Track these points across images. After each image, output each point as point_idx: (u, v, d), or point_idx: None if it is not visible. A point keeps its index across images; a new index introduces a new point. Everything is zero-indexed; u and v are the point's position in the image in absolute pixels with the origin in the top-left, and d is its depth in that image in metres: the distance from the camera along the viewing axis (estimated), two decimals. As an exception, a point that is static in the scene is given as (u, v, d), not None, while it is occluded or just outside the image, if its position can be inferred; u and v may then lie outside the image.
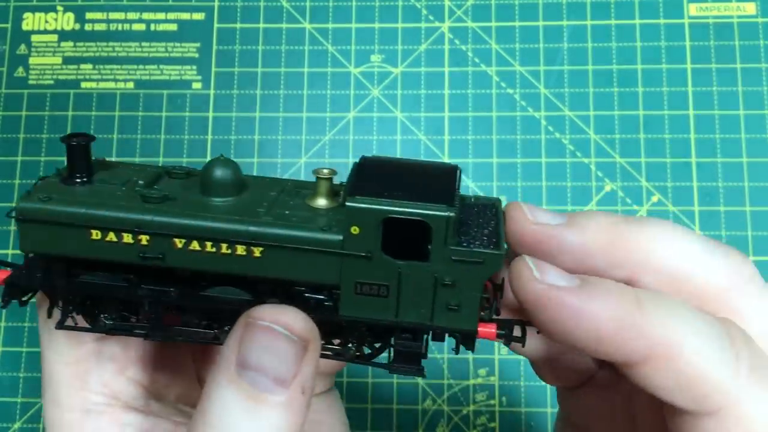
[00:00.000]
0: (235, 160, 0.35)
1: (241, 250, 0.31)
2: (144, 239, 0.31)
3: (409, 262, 0.30)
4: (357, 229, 0.30)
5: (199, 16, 0.67)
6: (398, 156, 0.64)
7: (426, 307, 0.31)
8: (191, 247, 0.31)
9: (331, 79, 0.66)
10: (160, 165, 0.37)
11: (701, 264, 0.30)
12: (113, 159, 0.65)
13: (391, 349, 0.33)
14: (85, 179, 0.33)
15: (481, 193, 0.63)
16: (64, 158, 0.68)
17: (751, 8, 0.66)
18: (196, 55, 0.67)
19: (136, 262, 0.31)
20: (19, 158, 0.65)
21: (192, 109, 0.66)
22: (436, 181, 0.31)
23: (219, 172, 0.32)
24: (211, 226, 0.31)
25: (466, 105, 0.65)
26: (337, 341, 0.34)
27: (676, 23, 0.65)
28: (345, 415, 0.43)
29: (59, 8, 0.68)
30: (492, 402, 0.61)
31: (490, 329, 0.32)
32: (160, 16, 0.67)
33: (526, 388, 0.61)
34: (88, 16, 0.68)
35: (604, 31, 0.66)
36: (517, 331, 0.32)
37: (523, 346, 0.32)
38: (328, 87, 0.66)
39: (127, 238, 0.31)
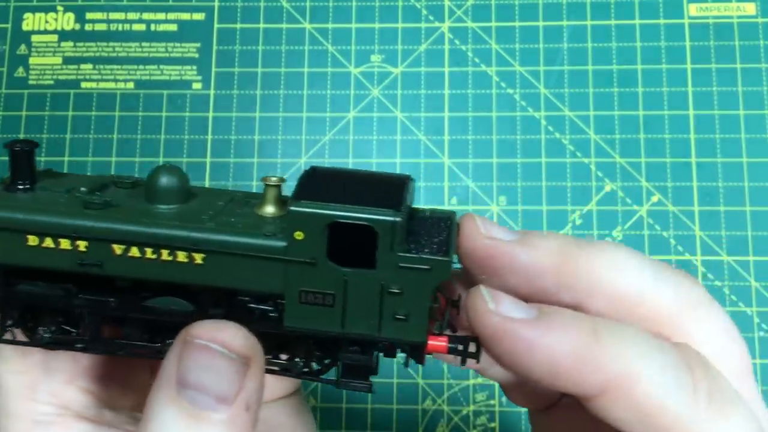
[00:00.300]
0: (235, 159, 0.35)
1: (182, 256, 0.30)
2: (82, 245, 0.30)
3: (355, 269, 0.29)
4: (301, 234, 0.29)
5: (199, 16, 0.67)
6: (397, 156, 0.64)
7: (373, 317, 0.30)
8: (131, 254, 0.30)
9: (331, 79, 0.66)
10: (109, 174, 0.36)
11: (651, 288, 0.29)
12: (113, 159, 0.65)
13: (341, 365, 0.32)
14: (27, 186, 0.32)
15: (481, 194, 0.63)
16: (63, 158, 0.68)
17: (751, 8, 0.66)
18: (196, 56, 0.67)
19: (74, 270, 0.30)
20: (19, 158, 0.65)
21: (192, 109, 0.66)
22: (386, 189, 0.31)
23: (164, 179, 0.31)
24: (151, 232, 0.30)
25: (466, 105, 0.65)
26: (285, 356, 0.32)
27: (676, 23, 0.65)
28: (312, 418, 0.43)
29: (59, 8, 0.68)
30: (492, 402, 0.61)
31: (440, 342, 0.31)
32: (161, 16, 0.67)
33: (526, 388, 0.61)
34: (89, 16, 0.68)
35: (604, 32, 0.66)
36: (472, 347, 0.31)
37: (478, 361, 0.31)
38: (328, 87, 0.66)
39: (65, 244, 0.30)
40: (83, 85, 0.67)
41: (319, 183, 0.31)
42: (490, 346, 0.27)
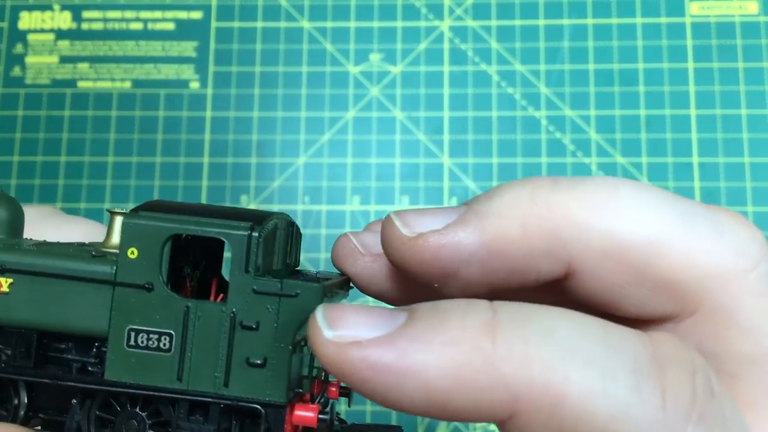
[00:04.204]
0: (233, 159, 0.33)
1: None
2: None
3: (200, 300, 0.24)
4: (135, 252, 0.24)
5: (196, 14, 0.67)
6: (397, 156, 0.64)
7: (219, 365, 0.24)
8: None
9: (329, 79, 0.65)
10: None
11: (678, 235, 0.20)
12: (110, 159, 0.64)
13: None
14: None
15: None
16: (59, 158, 0.67)
17: (753, 7, 0.65)
18: (194, 54, 0.66)
19: None
20: (16, 158, 0.65)
21: (189, 108, 0.65)
22: (248, 213, 0.25)
23: None
24: None
25: (466, 104, 0.64)
26: None
27: (678, 22, 0.65)
28: None
29: (56, 7, 0.67)
30: (492, 404, 0.60)
31: (308, 412, 0.24)
32: (158, 14, 0.67)
33: (527, 390, 0.60)
34: (85, 15, 0.67)
35: (605, 30, 0.65)
36: None
37: None
38: (327, 86, 0.65)
39: None
40: (80, 84, 0.66)
41: (165, 204, 0.26)
42: (346, 381, 0.19)
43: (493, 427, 0.60)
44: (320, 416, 0.24)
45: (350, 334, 0.19)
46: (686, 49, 0.64)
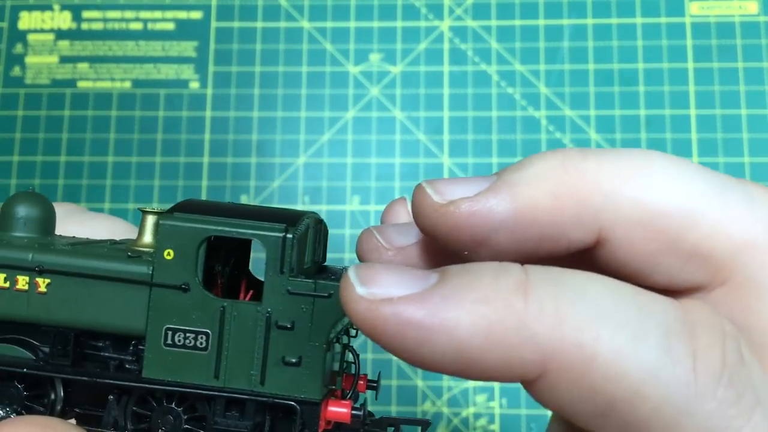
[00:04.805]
0: (232, 159, 0.33)
1: (22, 282, 0.25)
2: None
3: (235, 300, 0.25)
4: (171, 253, 0.24)
5: (196, 14, 0.67)
6: (396, 156, 0.64)
7: (256, 363, 0.24)
8: None
9: (329, 79, 0.65)
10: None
11: (709, 206, 0.21)
12: (110, 159, 0.64)
13: None
14: None
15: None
16: (59, 158, 0.67)
17: (752, 7, 0.65)
18: (194, 54, 0.66)
19: None
20: (16, 158, 0.65)
21: (189, 108, 0.65)
22: (281, 214, 0.26)
23: (21, 207, 0.28)
24: None
25: (466, 104, 0.64)
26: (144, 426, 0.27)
27: (678, 22, 0.65)
28: None
29: (56, 7, 0.67)
30: (492, 404, 0.60)
31: (341, 408, 0.25)
32: (157, 14, 0.67)
33: (527, 390, 0.60)
34: (85, 15, 0.67)
35: (605, 30, 0.65)
36: None
37: None
38: (327, 86, 0.65)
39: None
40: (80, 84, 0.66)
41: (199, 204, 0.26)
42: (376, 339, 0.19)
43: (493, 427, 0.60)
44: (353, 412, 0.25)
45: (382, 291, 0.19)
46: (686, 49, 0.64)
